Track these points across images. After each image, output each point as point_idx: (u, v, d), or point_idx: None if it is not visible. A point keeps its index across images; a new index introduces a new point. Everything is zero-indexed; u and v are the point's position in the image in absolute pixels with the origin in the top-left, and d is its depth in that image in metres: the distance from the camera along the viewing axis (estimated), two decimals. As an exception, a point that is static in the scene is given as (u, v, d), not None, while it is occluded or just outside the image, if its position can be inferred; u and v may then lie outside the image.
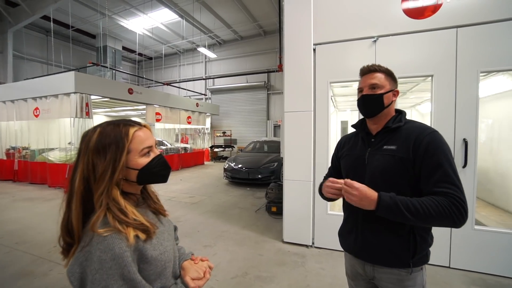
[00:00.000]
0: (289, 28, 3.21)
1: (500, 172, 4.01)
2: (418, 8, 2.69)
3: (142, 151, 0.74)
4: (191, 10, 10.41)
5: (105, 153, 0.68)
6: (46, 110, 6.87)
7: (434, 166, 0.93)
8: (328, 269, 2.70)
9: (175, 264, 0.83)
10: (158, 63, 16.03)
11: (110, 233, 0.63)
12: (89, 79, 6.92)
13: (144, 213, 0.78)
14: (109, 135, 0.70)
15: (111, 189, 0.68)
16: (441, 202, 0.88)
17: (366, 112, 1.11)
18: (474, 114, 2.55)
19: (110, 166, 0.68)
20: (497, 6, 2.45)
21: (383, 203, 0.91)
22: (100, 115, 13.83)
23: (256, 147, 8.86)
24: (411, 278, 1.01)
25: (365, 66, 1.12)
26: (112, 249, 0.62)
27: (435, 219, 0.88)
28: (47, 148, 7.38)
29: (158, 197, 0.91)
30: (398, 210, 0.89)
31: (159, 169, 0.78)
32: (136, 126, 0.75)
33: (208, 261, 0.89)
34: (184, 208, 4.98)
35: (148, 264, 0.69)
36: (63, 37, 12.25)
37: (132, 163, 0.72)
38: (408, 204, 0.89)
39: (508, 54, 2.44)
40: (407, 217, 0.88)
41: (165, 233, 0.81)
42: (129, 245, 0.64)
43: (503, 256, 2.50)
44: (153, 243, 0.72)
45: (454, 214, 0.87)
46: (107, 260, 0.61)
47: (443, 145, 0.96)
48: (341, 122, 8.02)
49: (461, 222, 0.88)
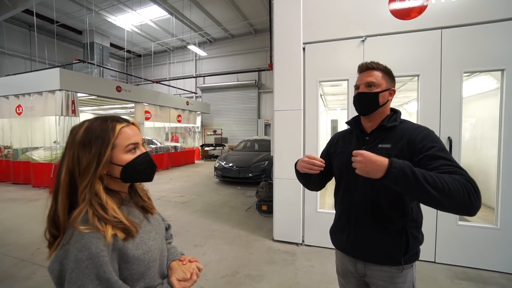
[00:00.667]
0: (279, 27, 3.21)
1: (483, 169, 4.15)
2: (404, 9, 2.74)
3: (127, 147, 0.74)
4: (181, 7, 10.25)
5: (90, 146, 0.69)
6: (30, 108, 6.63)
7: (435, 154, 0.90)
8: (318, 266, 2.72)
9: (162, 263, 0.81)
10: (147, 60, 15.72)
11: (88, 231, 0.63)
12: (75, 76, 6.71)
13: (129, 211, 0.77)
14: (95, 130, 0.70)
15: (94, 183, 0.68)
16: (455, 177, 0.79)
17: (361, 110, 1.11)
18: (458, 113, 2.62)
19: (95, 159, 0.68)
20: (479, 9, 2.52)
21: (396, 164, 0.78)
22: (87, 113, 13.45)
23: (247, 146, 8.85)
24: (402, 275, 1.02)
25: (363, 63, 1.11)
26: (88, 248, 0.61)
27: (452, 195, 0.76)
28: (31, 147, 7.12)
29: (148, 195, 0.90)
30: (413, 177, 0.76)
31: (144, 167, 0.77)
32: (123, 123, 0.75)
33: (197, 262, 0.87)
34: (174, 208, 4.92)
35: (129, 264, 0.69)
36: (47, 33, 11.81)
37: (116, 159, 0.72)
38: (423, 173, 0.77)
39: (489, 55, 2.52)
40: (425, 188, 0.75)
41: (152, 232, 0.80)
42: (106, 244, 0.64)
43: (484, 250, 2.59)
44: (135, 242, 0.71)
45: (470, 191, 0.77)
46: (83, 259, 0.61)
47: (437, 138, 0.97)
48: (331, 121, 8.11)
49: (477, 203, 0.78)
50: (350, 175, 1.10)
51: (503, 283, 2.39)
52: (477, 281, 2.43)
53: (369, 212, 1.04)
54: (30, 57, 11.69)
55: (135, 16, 10.98)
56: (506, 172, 2.51)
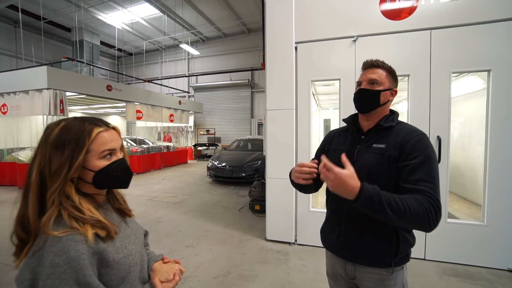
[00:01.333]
0: (271, 26, 3.20)
1: (471, 167, 4.26)
2: (395, 10, 2.77)
3: (102, 153, 0.70)
4: (173, 5, 10.12)
5: (64, 149, 0.65)
6: (15, 107, 6.42)
7: (417, 165, 0.92)
8: (310, 265, 2.73)
9: (143, 268, 0.79)
10: (139, 59, 15.48)
11: (66, 234, 0.59)
12: (64, 74, 6.54)
13: (106, 215, 0.74)
14: (71, 131, 0.67)
15: (65, 186, 0.65)
16: (421, 201, 0.85)
17: (361, 107, 1.09)
18: (447, 113, 2.67)
19: (67, 163, 0.65)
20: (467, 10, 2.57)
21: (366, 193, 0.82)
22: (76, 112, 13.16)
23: (240, 145, 8.82)
24: (392, 277, 1.01)
25: (369, 60, 1.10)
26: (67, 252, 0.57)
27: (413, 219, 0.83)
28: (17, 148, 6.91)
29: (124, 199, 0.87)
30: (379, 204, 0.81)
31: (119, 174, 0.73)
32: (102, 127, 0.72)
33: (180, 265, 0.86)
34: (166, 208, 4.86)
35: (110, 269, 0.65)
36: (34, 30, 11.47)
37: (89, 164, 0.69)
38: (390, 199, 0.83)
39: (476, 56, 2.58)
40: (387, 213, 0.82)
41: (131, 236, 0.78)
42: (88, 244, 0.61)
43: (472, 246, 2.65)
44: (116, 246, 0.69)
45: (431, 215, 0.84)
46: (61, 264, 0.56)
47: (429, 147, 0.96)
48: (324, 120, 8.17)
49: (435, 224, 0.87)
50: None
51: (490, 278, 2.45)
52: (464, 276, 2.49)
53: (360, 212, 1.02)
54: (16, 54, 11.33)
55: (126, 14, 10.79)
56: (493, 170, 2.57)
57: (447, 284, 2.38)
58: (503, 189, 2.55)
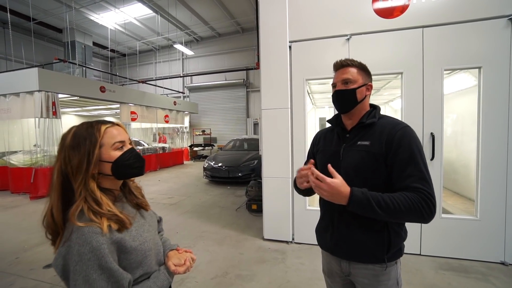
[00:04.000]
0: (265, 25, 3.20)
1: (464, 163, 4.32)
2: (387, 8, 2.79)
3: (114, 145, 0.81)
4: (166, 5, 10.04)
5: (79, 147, 0.76)
6: (6, 110, 6.30)
7: (405, 161, 0.94)
8: (308, 264, 2.74)
9: (159, 252, 0.90)
10: (133, 60, 15.32)
11: (86, 226, 0.70)
12: (56, 76, 6.44)
13: (123, 207, 0.84)
14: (82, 133, 0.78)
15: (88, 181, 0.75)
16: (411, 197, 0.89)
17: (340, 108, 1.11)
18: (440, 110, 2.70)
19: (85, 158, 0.75)
20: (458, 9, 2.61)
21: (355, 198, 0.90)
22: (70, 114, 12.98)
23: (236, 145, 8.80)
24: (386, 272, 1.02)
25: (338, 61, 1.12)
26: (90, 243, 0.68)
27: (405, 214, 0.89)
28: (8, 151, 6.77)
29: (142, 193, 0.98)
30: (369, 205, 0.89)
31: (133, 161, 0.83)
32: (108, 124, 0.83)
33: (191, 253, 0.97)
34: (163, 210, 4.83)
35: (128, 254, 0.76)
36: (24, 30, 11.26)
37: (105, 156, 0.79)
38: (379, 199, 0.90)
39: (468, 53, 2.61)
40: (378, 213, 0.89)
41: (146, 225, 0.88)
42: (104, 235, 0.71)
43: (465, 240, 2.69)
44: (132, 235, 0.79)
45: (423, 209, 0.88)
46: (86, 253, 0.67)
47: (414, 140, 0.97)
48: (319, 119, 8.20)
49: (430, 217, 0.90)
50: None
51: (483, 271, 2.49)
52: (459, 270, 2.53)
53: (351, 211, 1.03)
54: (6, 56, 11.10)
55: (119, 14, 10.67)
56: (485, 166, 2.61)
57: (443, 278, 2.41)
58: (494, 184, 2.59)
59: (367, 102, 1.12)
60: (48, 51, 12.75)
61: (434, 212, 0.90)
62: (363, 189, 0.93)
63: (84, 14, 10.51)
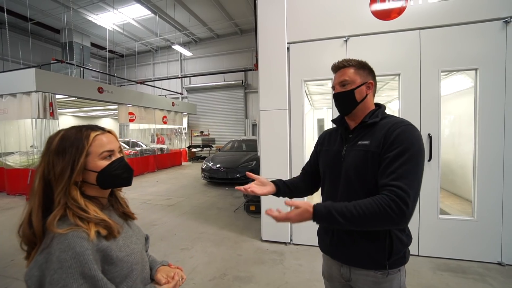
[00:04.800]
0: (263, 27, 3.21)
1: (461, 164, 4.35)
2: (385, 10, 2.81)
3: (102, 154, 0.75)
4: (165, 6, 10.04)
5: (65, 154, 0.70)
6: (2, 111, 6.26)
7: (395, 158, 0.89)
8: (306, 265, 2.74)
9: (144, 269, 0.84)
10: (131, 61, 15.28)
11: (71, 231, 0.64)
12: (53, 77, 6.40)
13: (110, 216, 0.79)
14: (70, 138, 0.72)
15: (70, 189, 0.70)
16: (379, 200, 0.84)
17: (341, 110, 1.09)
18: (437, 111, 2.72)
19: (69, 166, 0.70)
20: (454, 11, 2.63)
21: (318, 214, 0.89)
22: (67, 115, 12.92)
23: (234, 146, 8.79)
24: (388, 280, 0.97)
25: (335, 63, 1.10)
26: (73, 248, 0.62)
27: (371, 220, 0.84)
28: (4, 152, 6.72)
29: (127, 203, 0.93)
30: (332, 218, 0.87)
31: (121, 172, 0.79)
32: (98, 131, 0.77)
33: (181, 271, 0.92)
34: (161, 211, 4.81)
35: (113, 266, 0.70)
36: (21, 31, 11.20)
37: (91, 165, 0.74)
38: (343, 210, 0.86)
39: (464, 55, 2.63)
40: (342, 223, 0.86)
41: (133, 237, 0.83)
42: (90, 240, 0.65)
43: (463, 241, 2.70)
44: (119, 244, 0.74)
45: (391, 211, 0.82)
46: (67, 259, 0.60)
47: (414, 138, 0.91)
48: (318, 120, 8.21)
49: (402, 219, 0.83)
50: (332, 175, 1.09)
51: (480, 272, 2.50)
52: (457, 271, 2.53)
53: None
54: (2, 56, 11.03)
55: (117, 15, 10.65)
56: (482, 167, 2.63)
57: (440, 279, 2.42)
58: (491, 185, 2.60)
59: (370, 101, 1.07)
60: (46, 52, 12.70)
61: (405, 213, 0.82)
62: (327, 202, 0.92)
63: (82, 14, 10.49)
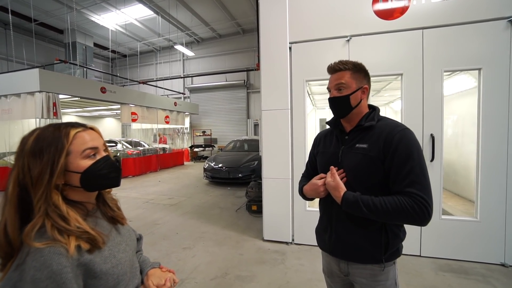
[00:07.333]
0: (265, 27, 3.21)
1: (464, 164, 4.31)
2: (387, 10, 2.80)
3: (84, 152, 0.68)
4: (167, 6, 10.07)
5: (42, 155, 0.63)
6: (7, 111, 6.33)
7: (402, 165, 0.94)
8: (308, 265, 2.74)
9: (135, 276, 0.79)
10: (133, 61, 15.34)
11: (47, 246, 0.57)
12: (57, 77, 6.46)
13: (96, 223, 0.72)
14: (47, 137, 0.65)
15: (51, 194, 0.62)
16: (403, 200, 0.90)
17: (336, 113, 1.13)
18: (439, 111, 2.71)
19: (48, 168, 0.62)
20: (457, 10, 2.61)
21: (346, 200, 0.97)
22: (70, 115, 13.02)
23: (236, 146, 8.81)
24: (384, 273, 1.03)
25: (331, 64, 1.10)
26: (49, 266, 0.55)
27: (394, 216, 0.91)
28: (9, 152, 6.79)
29: (118, 205, 0.85)
30: (357, 206, 0.95)
31: (107, 171, 0.71)
32: (79, 128, 0.70)
33: (173, 275, 0.87)
34: (163, 210, 4.83)
35: (97, 279, 0.64)
36: (25, 32, 11.31)
37: (73, 166, 0.66)
38: (368, 202, 0.94)
39: (467, 55, 2.62)
40: (366, 213, 0.94)
41: (122, 244, 0.77)
42: (69, 257, 0.58)
43: (466, 242, 2.69)
44: (104, 256, 0.67)
45: (415, 213, 0.88)
46: (43, 279, 0.54)
47: (413, 142, 0.96)
48: (320, 120, 8.20)
49: (424, 221, 0.90)
50: None
51: (483, 273, 2.48)
52: (459, 272, 2.52)
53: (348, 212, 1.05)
54: (7, 57, 11.15)
55: (120, 15, 10.70)
56: (485, 167, 2.61)
57: (443, 280, 2.40)
58: (494, 186, 2.59)
59: (364, 105, 1.10)
60: (49, 52, 12.80)
61: (428, 216, 0.90)
62: (356, 192, 0.98)
63: (85, 15, 10.55)
